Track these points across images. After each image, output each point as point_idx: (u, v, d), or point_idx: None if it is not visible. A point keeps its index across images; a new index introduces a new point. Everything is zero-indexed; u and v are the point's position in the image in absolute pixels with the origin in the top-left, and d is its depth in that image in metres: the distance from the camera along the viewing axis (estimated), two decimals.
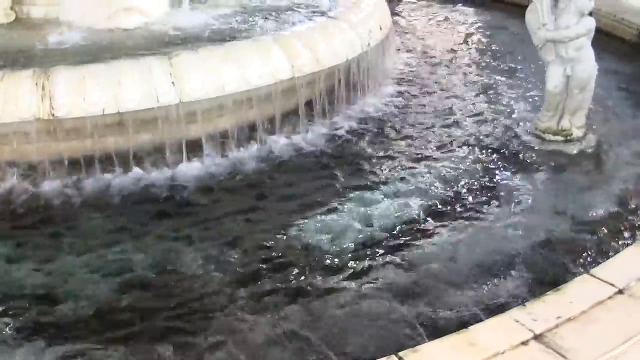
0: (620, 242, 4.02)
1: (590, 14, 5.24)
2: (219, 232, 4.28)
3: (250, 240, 4.18)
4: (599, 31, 5.75)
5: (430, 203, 4.57)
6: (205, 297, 3.70)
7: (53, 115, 4.47)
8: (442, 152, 5.31)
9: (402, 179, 4.90)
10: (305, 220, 4.36)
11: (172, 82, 4.65)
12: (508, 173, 5.00)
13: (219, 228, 4.33)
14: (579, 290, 3.12)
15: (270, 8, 6.25)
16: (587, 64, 5.19)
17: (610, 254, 3.63)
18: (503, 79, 6.80)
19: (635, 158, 5.22)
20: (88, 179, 4.76)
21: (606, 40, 7.47)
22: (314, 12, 6.02)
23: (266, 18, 5.93)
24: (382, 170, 5.03)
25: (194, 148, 4.98)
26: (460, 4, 9.67)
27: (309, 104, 5.51)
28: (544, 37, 5.16)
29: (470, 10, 9.46)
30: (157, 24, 5.71)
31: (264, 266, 3.93)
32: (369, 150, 5.33)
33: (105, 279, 3.84)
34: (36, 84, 4.47)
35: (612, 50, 7.28)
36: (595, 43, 5.33)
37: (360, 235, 4.19)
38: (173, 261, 3.98)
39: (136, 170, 4.84)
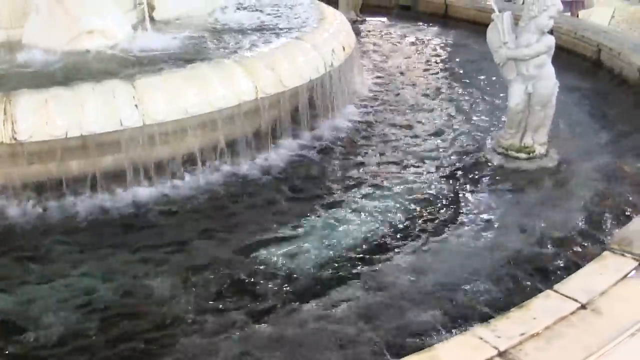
0: (582, 258, 4.05)
1: (551, 32, 5.31)
2: (184, 255, 4.26)
3: (215, 262, 4.16)
4: (560, 48, 5.83)
5: (394, 222, 4.59)
6: (171, 320, 3.67)
7: (15, 139, 4.43)
8: (407, 170, 5.33)
9: (367, 197, 4.92)
10: (271, 241, 4.36)
11: (136, 105, 4.63)
12: (472, 190, 5.03)
13: (184, 250, 4.31)
14: (543, 306, 3.13)
15: (234, 29, 6.25)
16: (548, 81, 5.24)
17: (573, 269, 3.64)
18: (466, 97, 6.86)
19: (596, 173, 5.27)
20: (52, 203, 4.71)
21: (567, 57, 7.58)
22: (278, 33, 6.02)
23: (231, 39, 5.92)
24: (346, 190, 5.04)
25: (159, 170, 4.96)
26: (422, 24, 9.75)
27: (274, 124, 5.52)
28: (505, 56, 5.22)
29: (433, 29, 9.54)
30: (120, 47, 5.68)
31: (229, 288, 3.92)
32: (334, 169, 5.35)
33: (70, 304, 3.80)
34: None
35: (573, 67, 7.38)
36: (557, 60, 5.39)
37: (325, 256, 4.19)
38: (138, 284, 3.95)
39: (101, 193, 4.81)
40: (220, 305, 3.78)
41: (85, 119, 4.52)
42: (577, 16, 11.98)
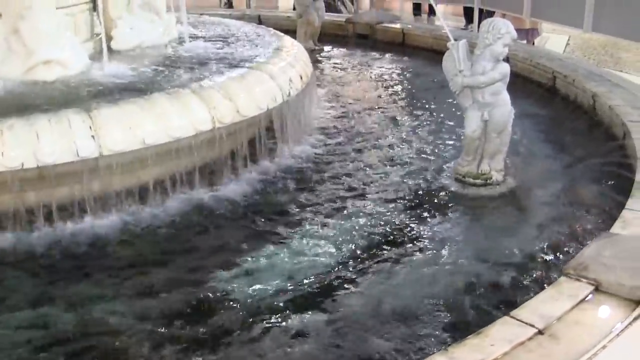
0: (539, 283, 4.08)
1: (507, 59, 5.37)
2: (142, 284, 4.22)
3: (173, 291, 4.13)
4: (516, 75, 5.90)
5: (351, 250, 4.59)
6: (128, 351, 3.63)
7: None
8: (364, 199, 5.35)
9: (326, 226, 4.92)
10: (229, 271, 4.33)
11: (92, 136, 4.61)
12: (429, 218, 5.05)
13: (142, 280, 4.27)
14: (500, 332, 3.14)
15: (192, 59, 6.26)
16: (503, 109, 5.30)
17: (530, 295, 3.67)
18: (423, 124, 6.92)
19: (553, 199, 5.32)
20: (8, 235, 4.66)
21: (523, 84, 7.69)
22: (235, 62, 6.04)
23: (188, 69, 5.93)
24: (305, 219, 5.04)
25: (116, 201, 4.93)
26: (380, 52, 9.82)
27: (232, 154, 5.53)
28: (461, 83, 5.27)
29: (390, 57, 9.62)
30: (77, 77, 5.66)
31: (187, 318, 3.88)
32: (292, 199, 5.34)
33: (24, 338, 3.74)
34: None
35: (529, 94, 7.48)
36: (513, 87, 5.46)
37: (283, 284, 4.17)
38: (95, 317, 3.90)
39: (58, 225, 4.77)
40: (178, 335, 3.74)
41: (41, 150, 4.48)
42: (533, 44, 12.15)
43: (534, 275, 4.24)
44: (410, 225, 4.95)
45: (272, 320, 3.87)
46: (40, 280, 4.29)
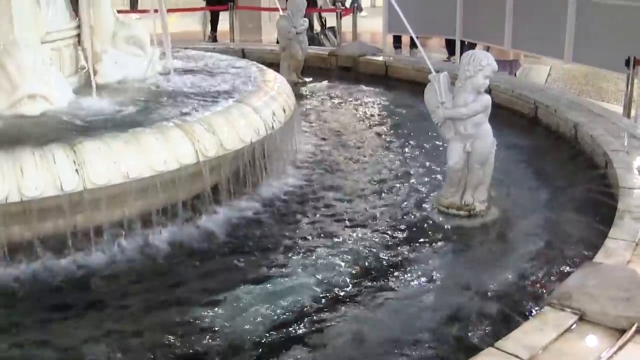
0: (523, 313, 4.10)
1: (489, 91, 5.42)
2: (124, 320, 4.20)
3: (155, 327, 4.11)
4: (498, 107, 5.95)
5: (335, 283, 4.59)
6: None
7: None
8: (347, 231, 5.36)
9: (307, 259, 4.92)
10: (213, 306, 4.32)
11: (76, 170, 4.61)
12: (413, 250, 5.06)
13: (124, 316, 4.25)
14: None
15: (176, 93, 6.28)
16: (486, 140, 5.34)
17: (514, 325, 3.68)
18: (406, 156, 6.95)
19: (536, 229, 5.35)
20: None
21: (505, 115, 7.75)
22: (219, 96, 6.06)
23: (172, 103, 5.94)
24: (289, 253, 5.04)
25: (100, 235, 4.92)
26: (363, 85, 9.88)
27: (216, 187, 5.53)
28: (443, 115, 5.31)
29: (373, 89, 9.67)
30: (62, 111, 5.66)
31: (169, 353, 3.87)
32: (275, 232, 5.34)
33: None
34: None
35: (511, 125, 7.53)
36: (495, 118, 5.50)
37: (266, 318, 4.16)
38: (76, 353, 3.88)
39: (41, 260, 4.74)
40: None
41: (24, 184, 4.48)
42: (515, 75, 12.26)
43: (518, 306, 4.25)
44: (394, 257, 4.96)
45: (255, 354, 3.86)
46: (19, 315, 4.25)
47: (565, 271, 4.53)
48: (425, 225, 5.41)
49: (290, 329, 4.08)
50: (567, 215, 5.49)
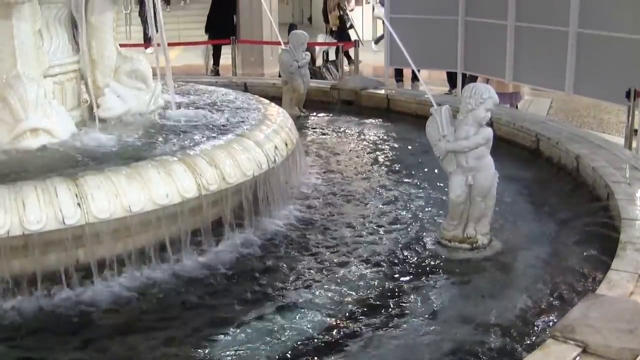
0: (526, 346, 4.08)
1: (491, 123, 5.43)
2: (126, 356, 4.19)
3: None
4: (500, 139, 5.95)
5: (337, 317, 4.58)
6: None
7: None
8: (350, 264, 5.35)
9: (310, 292, 4.91)
10: (214, 340, 4.31)
11: (78, 204, 4.62)
12: (416, 283, 5.05)
13: (126, 351, 4.23)
14: None
15: (178, 127, 6.30)
16: (487, 173, 5.34)
17: (518, 358, 3.67)
18: (409, 189, 6.94)
19: (539, 262, 5.34)
20: None
21: (507, 147, 7.76)
22: (221, 130, 6.09)
23: (174, 137, 5.97)
24: (291, 288, 5.03)
25: (102, 268, 4.92)
26: (365, 118, 9.89)
27: (218, 221, 5.53)
28: (445, 148, 5.31)
29: (375, 123, 9.68)
30: (64, 145, 5.69)
31: None
32: (277, 266, 5.33)
33: None
34: None
35: (513, 157, 7.54)
36: (497, 151, 5.51)
37: (268, 353, 4.15)
38: None
39: (43, 293, 4.74)
40: None
41: (26, 218, 4.49)
42: (517, 107, 12.29)
43: (521, 338, 4.23)
44: (397, 290, 4.95)
45: None
46: (24, 351, 4.24)
47: (568, 303, 4.51)
48: (428, 258, 5.40)
49: None
50: (570, 247, 5.47)
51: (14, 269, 4.75)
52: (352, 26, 20.17)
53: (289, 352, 4.17)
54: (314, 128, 9.48)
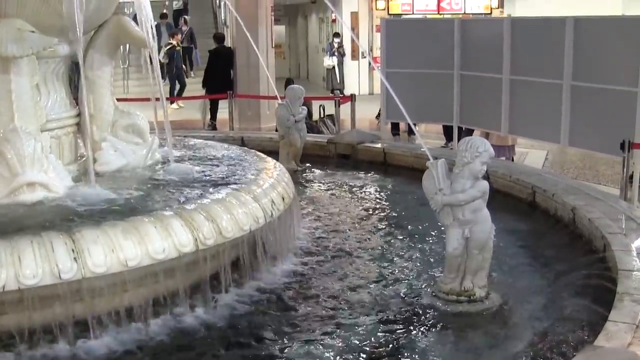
0: None
1: (487, 176, 5.45)
2: None
3: None
4: (496, 192, 5.97)
5: None
6: None
7: None
8: (347, 319, 5.32)
9: (308, 347, 4.89)
10: None
11: (74, 258, 4.62)
12: (414, 336, 5.03)
13: None
14: None
15: (175, 182, 6.30)
16: (484, 226, 5.35)
17: None
18: (406, 242, 6.94)
19: (537, 313, 5.34)
20: None
21: (504, 200, 7.77)
22: (218, 184, 6.10)
23: (171, 191, 5.97)
24: (288, 340, 5.01)
25: (98, 323, 4.89)
26: (362, 172, 9.91)
27: (215, 276, 5.52)
28: (441, 202, 5.32)
29: (372, 176, 9.70)
30: (61, 199, 5.69)
31: None
32: (274, 322, 5.30)
33: None
34: None
35: (509, 210, 7.55)
36: (493, 203, 5.52)
37: None
38: None
39: (39, 348, 4.72)
40: None
41: (22, 273, 4.48)
42: (512, 159, 12.36)
43: None
44: (394, 344, 4.93)
45: None
46: None
47: (567, 356, 4.49)
48: (426, 311, 5.38)
49: None
50: (567, 298, 5.47)
51: (9, 324, 4.72)
52: None
53: None
54: (311, 182, 9.50)
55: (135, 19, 7.06)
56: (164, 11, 27.42)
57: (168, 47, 22.25)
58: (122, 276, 4.82)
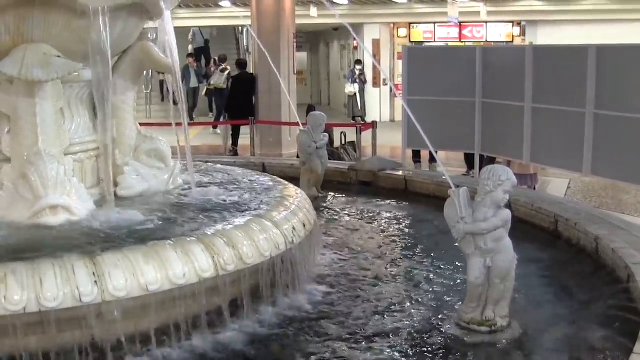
0: None
1: (509, 205, 5.42)
2: None
3: None
4: (519, 221, 5.93)
5: None
6: None
7: None
8: (368, 349, 5.27)
9: None
10: None
11: (95, 282, 4.63)
12: None
13: None
14: None
15: (196, 206, 6.33)
16: (506, 255, 5.32)
17: None
18: (426, 271, 6.89)
19: (559, 344, 5.28)
20: None
21: (526, 229, 7.71)
22: (239, 210, 6.12)
23: (192, 216, 5.99)
24: None
25: (118, 347, 4.89)
26: (383, 199, 9.88)
27: (234, 302, 5.49)
28: (463, 230, 5.29)
29: (393, 204, 9.66)
30: (83, 222, 5.74)
31: None
32: (294, 348, 5.28)
33: None
34: None
35: (531, 239, 7.48)
36: (515, 232, 5.48)
37: None
38: None
39: None
40: None
41: (43, 295, 4.50)
42: (534, 188, 12.30)
43: None
44: None
45: None
46: None
47: None
48: (446, 341, 5.33)
49: None
50: (590, 330, 5.41)
51: (29, 346, 4.72)
52: None
53: None
54: (332, 209, 9.47)
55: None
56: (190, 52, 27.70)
57: (227, 72, 22.55)
58: (142, 300, 4.82)
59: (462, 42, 29.72)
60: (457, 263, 6.79)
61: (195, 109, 25.54)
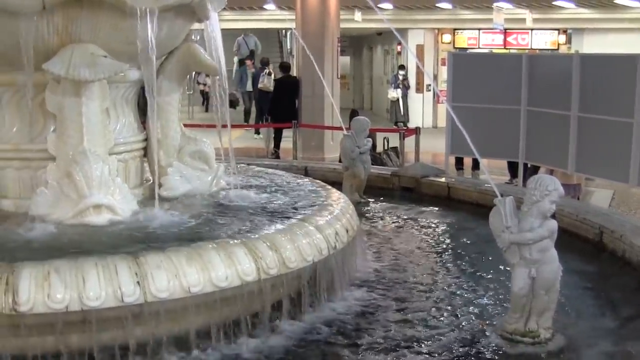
0: None
1: (554, 215, 5.35)
2: None
3: None
4: (563, 231, 5.84)
5: None
6: None
7: (16, 310, 4.43)
8: (407, 355, 5.24)
9: None
10: None
11: (138, 282, 4.64)
12: None
13: None
14: None
15: (239, 209, 6.34)
16: (551, 266, 5.25)
17: None
18: (469, 280, 6.82)
19: (602, 358, 5.21)
20: None
21: (570, 240, 7.60)
22: (282, 214, 6.11)
23: (235, 219, 5.99)
24: None
25: (158, 348, 4.90)
26: (425, 206, 9.82)
27: (276, 305, 5.48)
28: (508, 240, 5.23)
29: (435, 211, 9.59)
30: (126, 223, 5.77)
31: None
32: (334, 354, 5.25)
33: None
34: (0, 278, 4.46)
35: (576, 250, 7.38)
36: (559, 243, 5.40)
37: None
38: None
39: None
40: None
41: (86, 294, 4.53)
42: (578, 198, 12.16)
43: None
44: None
45: None
46: None
47: None
48: (488, 351, 5.27)
49: None
50: (635, 344, 5.33)
51: (71, 344, 4.75)
52: None
53: None
54: (374, 214, 9.43)
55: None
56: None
57: (271, 75, 22.77)
58: (184, 302, 4.83)
59: (506, 49, 29.57)
60: (500, 272, 6.71)
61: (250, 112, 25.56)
